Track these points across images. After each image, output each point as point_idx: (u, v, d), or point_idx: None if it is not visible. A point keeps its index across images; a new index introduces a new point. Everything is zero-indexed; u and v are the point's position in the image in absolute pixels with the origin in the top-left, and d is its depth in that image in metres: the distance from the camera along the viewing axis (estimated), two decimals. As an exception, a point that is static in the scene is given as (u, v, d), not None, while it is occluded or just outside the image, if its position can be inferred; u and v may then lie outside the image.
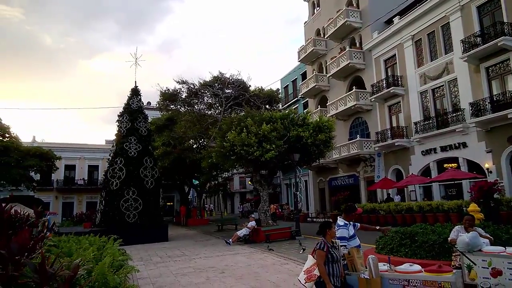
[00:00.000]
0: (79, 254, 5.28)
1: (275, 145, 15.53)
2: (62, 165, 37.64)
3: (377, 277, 4.16)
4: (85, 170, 40.80)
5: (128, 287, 4.36)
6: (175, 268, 10.35)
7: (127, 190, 17.34)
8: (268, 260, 11.01)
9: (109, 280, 3.99)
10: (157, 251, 14.34)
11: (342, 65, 26.82)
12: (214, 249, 14.25)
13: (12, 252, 3.27)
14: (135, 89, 19.89)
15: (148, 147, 19.08)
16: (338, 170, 29.13)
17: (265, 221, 17.24)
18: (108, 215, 17.06)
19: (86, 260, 4.73)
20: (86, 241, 7.72)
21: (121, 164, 17.76)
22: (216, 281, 8.31)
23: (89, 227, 18.06)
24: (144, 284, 8.37)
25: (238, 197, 54.55)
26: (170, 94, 25.40)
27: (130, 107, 19.26)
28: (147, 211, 17.54)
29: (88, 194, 39.40)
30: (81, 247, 6.56)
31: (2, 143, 25.11)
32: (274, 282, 7.96)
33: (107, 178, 17.96)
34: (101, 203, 18.10)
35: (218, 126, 20.95)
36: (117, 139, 18.82)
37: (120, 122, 18.99)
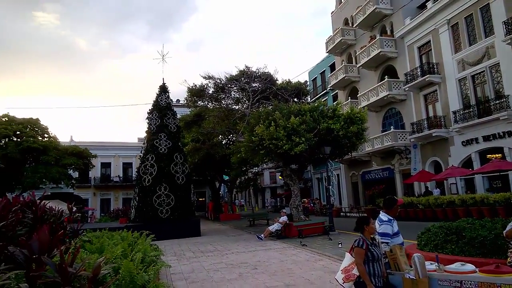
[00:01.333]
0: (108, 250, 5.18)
1: (305, 138, 15.13)
2: (98, 163, 38.92)
3: (425, 277, 3.76)
4: (120, 167, 42.02)
5: (157, 285, 4.18)
6: (207, 263, 10.27)
7: (159, 186, 17.53)
8: (301, 256, 10.70)
9: (136, 278, 3.83)
10: (190, 246, 14.38)
11: (373, 54, 25.86)
12: (246, 244, 14.10)
13: (32, 251, 3.17)
14: (163, 86, 20.04)
15: (177, 144, 19.21)
16: (372, 163, 28.23)
17: (297, 216, 16.91)
18: (142, 211, 17.34)
19: (114, 257, 4.62)
20: (118, 236, 7.72)
21: (152, 160, 17.97)
22: (248, 277, 8.11)
23: (124, 222, 18.44)
24: (177, 279, 8.31)
25: (268, 192, 54.37)
26: (198, 90, 25.43)
27: (159, 104, 19.43)
28: (179, 206, 17.67)
29: (124, 190, 40.55)
30: (113, 243, 6.52)
31: (42, 143, 26.15)
32: (308, 279, 7.65)
33: (140, 175, 18.24)
34: (134, 199, 18.43)
35: (246, 121, 20.74)
36: (148, 136, 19.07)
37: (150, 120, 19.21)
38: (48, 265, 3.01)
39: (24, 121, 27.29)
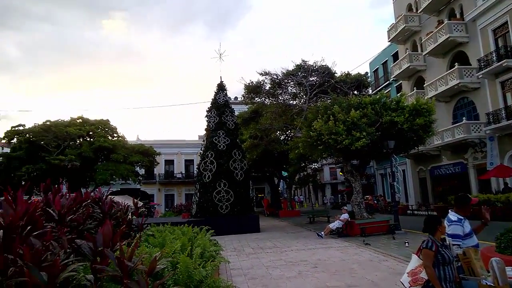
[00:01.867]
0: (168, 245, 5.30)
1: (366, 133, 14.44)
2: (162, 160, 40.97)
3: (505, 285, 3.29)
4: (182, 164, 43.89)
5: (215, 280, 4.17)
6: (266, 260, 10.22)
7: (219, 182, 17.90)
8: (364, 255, 10.22)
9: (193, 273, 3.83)
10: (250, 242, 14.47)
11: (441, 40, 23.96)
12: (306, 241, 13.84)
13: (96, 244, 3.29)
14: (221, 84, 20.40)
15: (236, 140, 19.47)
16: (441, 158, 26.27)
17: (359, 213, 16.25)
18: (203, 207, 17.84)
19: (172, 252, 4.69)
20: (179, 231, 7.93)
21: (211, 157, 18.40)
22: (308, 276, 7.89)
23: (186, 217, 19.13)
24: (236, 275, 8.35)
25: (329, 188, 53.28)
26: (254, 87, 25.57)
27: (217, 102, 19.83)
28: (238, 202, 17.91)
29: (186, 186, 42.24)
30: (174, 237, 6.70)
31: (112, 142, 28.14)
32: (372, 280, 7.24)
33: (200, 171, 18.79)
34: (196, 195, 19.03)
35: (304, 116, 20.39)
36: (207, 133, 19.57)
37: (208, 117, 19.69)
38: (110, 258, 3.11)
39: (96, 122, 29.61)
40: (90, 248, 3.22)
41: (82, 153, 26.30)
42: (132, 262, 2.91)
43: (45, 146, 26.58)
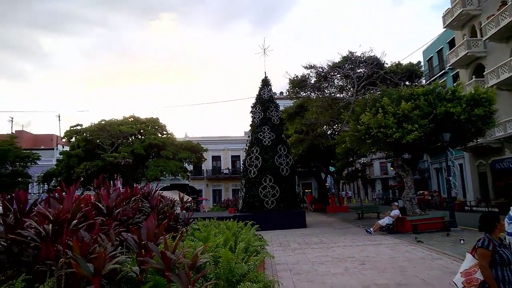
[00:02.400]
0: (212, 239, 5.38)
1: (418, 125, 13.68)
2: (210, 157, 41.93)
3: None
4: (229, 160, 44.63)
5: (257, 275, 4.15)
6: (312, 255, 10.08)
7: (264, 177, 17.94)
8: (416, 253, 9.73)
9: (235, 268, 3.85)
10: (296, 237, 14.37)
11: (504, 23, 22.03)
12: (354, 238, 13.48)
13: (140, 237, 3.41)
14: (265, 79, 20.38)
15: (281, 136, 19.39)
16: (504, 151, 24.29)
17: (411, 209, 15.50)
18: (249, 202, 18.00)
19: (215, 246, 4.75)
20: (224, 226, 8.04)
21: (257, 153, 18.48)
22: (355, 273, 7.67)
23: (233, 212, 19.41)
24: (281, 270, 8.32)
25: (379, 183, 51.46)
26: (299, 81, 25.21)
27: (262, 98, 19.84)
28: (284, 197, 17.85)
29: (233, 182, 42.93)
30: (219, 232, 6.80)
31: (161, 139, 29.26)
32: (424, 279, 6.87)
33: (246, 167, 18.95)
34: (242, 190, 19.24)
35: (351, 109, 19.78)
36: (252, 129, 19.66)
37: (253, 113, 19.77)
38: (154, 251, 3.20)
39: (146, 120, 30.94)
40: (135, 241, 3.35)
41: (134, 150, 27.62)
42: (175, 255, 2.97)
43: (100, 144, 28.26)
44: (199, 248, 3.47)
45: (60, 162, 30.47)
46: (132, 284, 3.36)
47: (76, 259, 2.50)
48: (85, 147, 28.29)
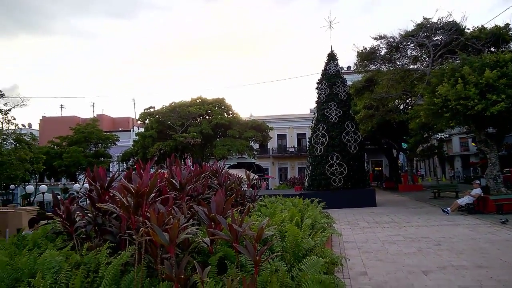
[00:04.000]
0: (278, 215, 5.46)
1: (505, 95, 12.30)
2: (275, 135, 42.18)
3: None
4: (294, 138, 44.53)
5: (324, 251, 4.15)
6: (382, 234, 9.79)
7: (331, 155, 17.63)
8: (499, 234, 8.96)
9: (301, 242, 3.88)
10: (364, 215, 14.04)
11: None
12: (429, 218, 12.78)
13: (210, 210, 3.58)
14: (331, 54, 19.71)
15: (348, 112, 18.79)
16: None
17: (496, 188, 14.19)
18: (315, 180, 17.88)
19: (281, 221, 4.82)
20: (290, 203, 8.11)
21: (323, 130, 18.15)
22: (429, 253, 7.30)
23: (299, 190, 19.49)
24: (349, 248, 8.23)
25: (459, 160, 47.64)
26: (368, 53, 23.85)
27: (328, 73, 19.27)
28: (352, 175, 17.43)
29: (299, 160, 42.91)
30: (284, 208, 6.89)
31: (228, 119, 30.17)
32: (508, 262, 6.32)
33: (312, 145, 18.77)
34: (308, 168, 19.15)
35: (426, 81, 18.36)
36: (318, 106, 19.28)
37: (319, 89, 19.34)
38: (222, 223, 3.35)
39: (213, 101, 32.04)
40: (205, 214, 3.53)
41: (202, 130, 28.86)
42: (242, 228, 3.08)
43: (171, 125, 29.98)
44: (263, 221, 3.55)
45: (136, 143, 33.06)
46: (203, 253, 3.56)
47: (154, 229, 2.70)
48: (158, 128, 30.24)
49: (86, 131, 36.73)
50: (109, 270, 2.93)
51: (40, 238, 4.77)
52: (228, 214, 3.60)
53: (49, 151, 33.68)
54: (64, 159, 34.60)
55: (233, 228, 2.97)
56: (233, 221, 3.11)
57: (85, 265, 3.14)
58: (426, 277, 5.76)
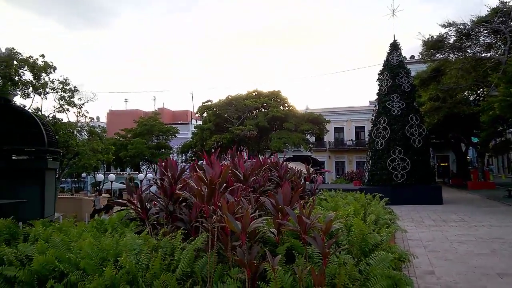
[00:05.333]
0: (341, 209, 5.41)
1: None
2: (332, 128, 41.32)
3: None
4: (353, 132, 43.27)
5: (390, 246, 4.05)
6: (450, 234, 9.27)
7: (393, 149, 16.96)
8: None
9: (368, 237, 3.83)
10: (429, 213, 13.37)
11: None
12: (503, 218, 11.85)
13: (277, 202, 3.65)
14: (394, 43, 18.83)
15: (412, 104, 17.90)
16: None
17: None
18: (375, 174, 17.35)
19: (346, 215, 4.77)
20: (351, 197, 7.97)
21: (384, 123, 17.49)
22: (505, 256, 6.80)
23: (358, 185, 19.01)
24: (414, 246, 7.91)
25: (540, 156, 43.23)
26: (435, 42, 22.38)
27: (390, 64, 18.46)
28: (416, 171, 16.63)
29: (357, 153, 41.71)
30: (346, 203, 6.78)
31: (283, 112, 30.20)
32: None
33: (372, 138, 18.19)
34: (368, 162, 18.61)
35: (502, 70, 16.88)
36: (379, 98, 18.59)
37: (380, 81, 18.61)
38: (290, 215, 3.41)
39: (269, 94, 32.22)
40: (272, 205, 3.61)
41: (259, 123, 29.18)
42: (310, 220, 3.12)
43: (228, 118, 30.70)
44: (331, 214, 3.54)
45: (194, 135, 34.36)
46: (269, 243, 3.65)
47: (227, 217, 2.83)
48: (215, 121, 31.13)
49: (149, 123, 38.97)
50: (184, 254, 3.12)
51: (116, 223, 5.21)
52: (295, 206, 3.65)
53: (115, 142, 36.23)
54: (129, 150, 37.07)
55: (302, 219, 3.01)
56: (301, 213, 3.15)
57: (162, 249, 3.38)
58: (502, 280, 5.38)
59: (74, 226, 5.32)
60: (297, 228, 3.12)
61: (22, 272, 3.35)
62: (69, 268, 3.31)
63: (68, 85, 19.94)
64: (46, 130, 9.17)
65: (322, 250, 2.88)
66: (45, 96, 19.46)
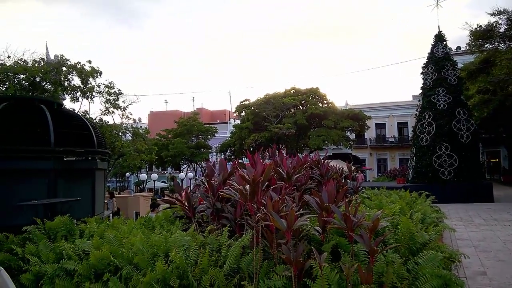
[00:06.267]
0: (386, 207, 5.29)
1: None
2: (373, 124, 40.19)
3: None
4: (395, 128, 41.80)
5: (439, 246, 3.92)
6: (503, 233, 8.77)
7: (439, 145, 16.27)
8: None
9: (416, 236, 3.73)
10: (479, 212, 12.70)
11: None
12: None
13: (322, 200, 3.64)
14: (439, 34, 18.01)
15: (459, 97, 17.07)
16: None
17: None
18: (420, 172, 16.75)
19: (392, 214, 4.66)
20: (396, 195, 7.76)
21: (429, 118, 16.82)
22: None
23: (402, 182, 18.39)
24: (463, 246, 7.56)
25: None
26: (483, 31, 21.08)
27: (435, 56, 17.68)
28: (464, 167, 15.85)
29: (400, 150, 40.31)
30: (391, 201, 6.61)
31: (322, 109, 29.79)
32: None
33: (416, 134, 17.56)
34: (412, 159, 17.99)
35: (561, 58, 15.66)
36: (423, 92, 17.90)
37: (424, 74, 17.89)
38: (335, 213, 3.39)
39: (307, 91, 31.90)
40: (317, 203, 3.61)
41: (297, 121, 28.99)
42: (356, 217, 3.09)
43: (266, 116, 30.73)
44: (377, 212, 3.49)
45: (233, 134, 34.75)
46: (314, 241, 3.65)
47: (272, 215, 2.87)
48: (253, 119, 31.30)
49: (188, 124, 39.95)
50: (232, 251, 3.21)
51: (162, 220, 5.42)
52: (340, 204, 3.63)
53: (157, 142, 37.48)
54: (170, 150, 38.21)
55: (349, 217, 2.99)
56: (347, 211, 3.13)
57: (209, 245, 3.49)
58: None
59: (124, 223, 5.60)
60: (343, 226, 3.10)
61: (81, 266, 3.59)
62: (122, 263, 3.50)
63: (113, 88, 20.88)
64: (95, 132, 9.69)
65: (370, 248, 2.84)
66: (92, 100, 20.51)
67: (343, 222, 3.09)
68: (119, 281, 3.28)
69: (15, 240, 4.84)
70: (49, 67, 17.94)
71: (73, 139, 9.11)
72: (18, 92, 16.34)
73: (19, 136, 7.98)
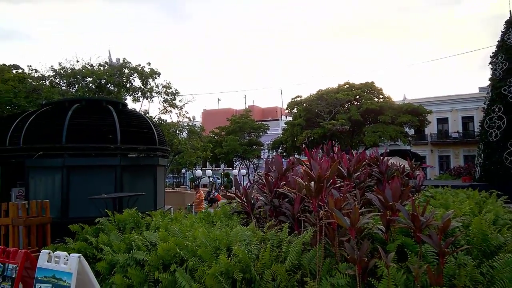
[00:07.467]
0: (454, 206, 4.98)
1: None
2: (434, 119, 37.77)
3: None
4: (459, 122, 38.99)
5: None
6: None
7: (510, 141, 14.97)
8: None
9: (489, 238, 3.47)
10: (560, 214, 11.48)
11: None
12: None
13: (386, 198, 3.51)
14: (511, 20, 16.48)
15: (535, 88, 15.51)
16: None
17: None
18: (489, 170, 15.53)
19: (461, 214, 4.38)
20: (464, 194, 7.28)
21: (499, 112, 15.51)
22: None
23: (468, 181, 17.19)
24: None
25: None
26: None
27: (506, 44, 16.21)
28: (540, 165, 14.43)
29: (464, 147, 37.61)
30: (459, 200, 6.21)
31: (378, 104, 28.62)
32: None
33: (484, 129, 16.29)
34: (479, 156, 16.74)
35: None
36: (492, 83, 16.52)
37: (493, 64, 16.49)
38: (401, 211, 3.26)
39: (361, 86, 30.82)
40: (380, 201, 3.50)
41: (351, 116, 28.16)
42: (425, 217, 2.95)
43: (319, 112, 30.24)
44: (449, 212, 3.30)
45: (285, 131, 34.65)
46: (377, 240, 3.55)
47: (335, 213, 2.84)
48: (306, 116, 30.95)
49: (241, 121, 40.60)
50: (293, 247, 3.22)
51: (221, 215, 5.57)
52: (406, 203, 3.49)
53: (211, 140, 38.52)
54: (223, 147, 39.12)
55: (417, 217, 2.86)
56: (414, 210, 3.00)
57: (270, 241, 3.53)
58: None
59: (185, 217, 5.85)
60: (410, 225, 2.98)
61: (149, 256, 3.81)
62: (187, 255, 3.67)
63: (170, 88, 21.82)
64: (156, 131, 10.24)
65: (440, 249, 2.71)
66: (151, 100, 21.61)
67: (410, 222, 2.97)
68: (185, 272, 3.43)
69: (89, 231, 5.27)
70: (113, 70, 19.21)
71: (136, 137, 9.70)
72: (86, 94, 17.69)
73: (90, 134, 8.66)
